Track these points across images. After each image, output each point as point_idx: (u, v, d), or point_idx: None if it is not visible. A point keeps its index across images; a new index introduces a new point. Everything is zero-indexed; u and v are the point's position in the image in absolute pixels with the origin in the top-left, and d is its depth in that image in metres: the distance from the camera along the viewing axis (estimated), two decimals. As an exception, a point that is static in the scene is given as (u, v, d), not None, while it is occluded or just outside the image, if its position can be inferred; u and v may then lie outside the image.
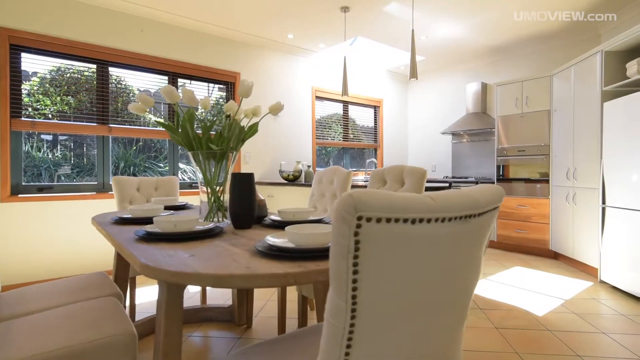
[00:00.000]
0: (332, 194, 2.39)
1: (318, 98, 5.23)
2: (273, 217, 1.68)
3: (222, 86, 4.41)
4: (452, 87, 5.77)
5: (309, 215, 1.64)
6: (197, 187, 4.21)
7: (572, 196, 3.72)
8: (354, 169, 5.78)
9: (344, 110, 5.62)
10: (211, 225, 1.44)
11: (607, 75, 3.26)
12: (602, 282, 3.23)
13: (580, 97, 3.59)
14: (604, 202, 3.19)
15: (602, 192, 3.20)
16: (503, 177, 4.54)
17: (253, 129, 1.74)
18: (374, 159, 5.73)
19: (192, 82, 4.19)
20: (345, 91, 3.71)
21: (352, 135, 5.71)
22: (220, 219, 1.64)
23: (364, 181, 5.07)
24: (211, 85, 4.34)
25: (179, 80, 4.07)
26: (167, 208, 2.24)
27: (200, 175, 1.64)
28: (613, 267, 3.05)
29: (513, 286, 3.16)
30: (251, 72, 4.52)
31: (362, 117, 5.91)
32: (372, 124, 6.02)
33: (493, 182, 4.64)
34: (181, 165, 4.60)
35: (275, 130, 4.76)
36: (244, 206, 1.54)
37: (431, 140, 6.05)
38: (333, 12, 3.80)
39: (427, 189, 2.88)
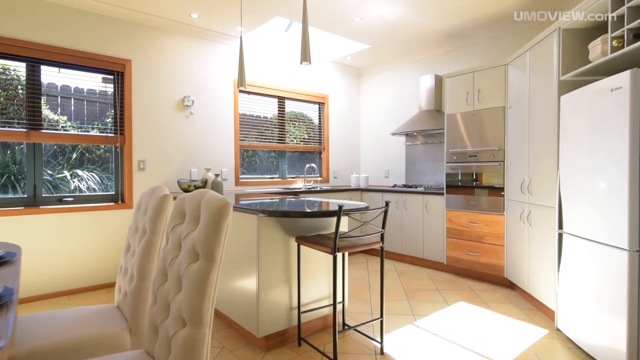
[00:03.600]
0: (143, 228, 1.60)
1: (242, 92, 4.43)
2: None
3: (108, 76, 3.58)
4: (408, 81, 5.01)
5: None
6: (68, 202, 3.39)
7: (527, 214, 2.97)
8: (292, 176, 4.99)
9: (279, 107, 4.82)
10: None
11: (566, 61, 2.51)
12: (558, 330, 2.49)
13: (536, 90, 2.85)
14: (560, 227, 2.44)
15: (558, 213, 2.45)
16: (453, 186, 3.78)
17: None
18: (313, 164, 4.94)
19: (63, 70, 3.35)
20: (241, 82, 2.91)
21: (306, 136, 4.92)
22: None
23: (305, 190, 4.29)
24: (92, 74, 3.50)
25: (43, 67, 3.24)
26: None
27: None
28: (571, 314, 2.30)
29: (443, 338, 2.40)
30: (148, 59, 3.69)
31: (304, 114, 5.12)
32: (315, 123, 5.24)
33: (443, 193, 3.89)
34: (80, 172, 3.78)
35: (186, 129, 3.95)
36: None
37: (385, 143, 5.28)
38: (229, -18, 3.01)
39: (319, 214, 2.10)
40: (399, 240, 4.37)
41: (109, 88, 3.60)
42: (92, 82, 3.54)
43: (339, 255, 2.56)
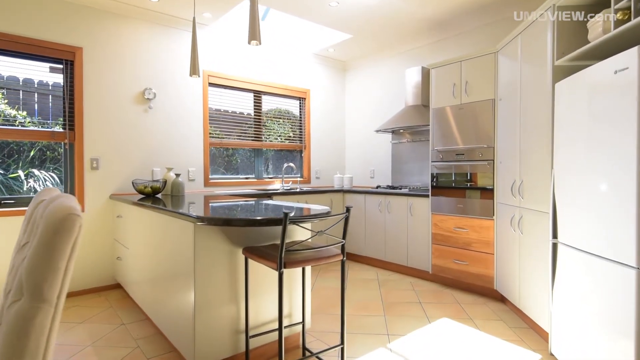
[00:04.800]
0: (19, 243, 1.26)
1: (213, 85, 4.09)
2: None
3: (56, 65, 3.24)
4: (395, 75, 4.67)
5: None
6: (8, 205, 3.04)
7: (517, 220, 2.63)
8: (270, 176, 4.64)
9: (255, 102, 4.48)
10: None
11: (561, 44, 2.17)
12: (552, 356, 2.14)
13: (528, 78, 2.51)
14: (555, 236, 2.10)
15: (552, 220, 2.11)
16: (439, 188, 3.44)
17: None
18: (292, 164, 4.60)
19: (1, 57, 3.01)
20: (194, 69, 2.57)
21: (291, 134, 4.57)
22: None
23: (282, 191, 3.95)
24: (38, 63, 3.16)
25: (-22, 54, 2.90)
26: None
27: None
28: (567, 338, 1.96)
29: (418, 365, 2.06)
30: (103, 47, 3.35)
31: (290, 111, 4.77)
32: (291, 119, 4.89)
33: (428, 195, 3.55)
34: (37, 172, 3.45)
35: (147, 125, 3.60)
36: None
37: (371, 141, 4.94)
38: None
39: (264, 222, 1.76)
40: (382, 246, 4.03)
41: (59, 79, 3.26)
42: (39, 72, 3.19)
43: (298, 268, 2.22)
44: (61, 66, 3.24)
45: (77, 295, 3.22)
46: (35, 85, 3.26)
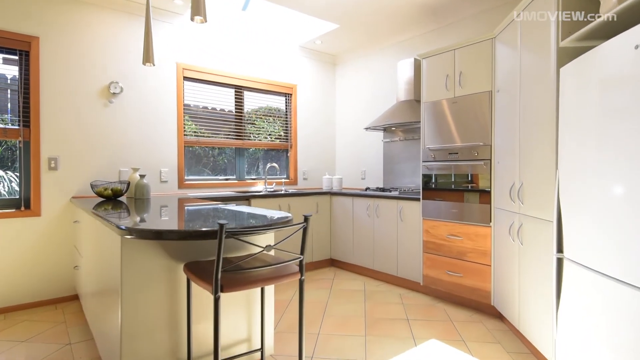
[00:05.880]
0: None
1: (188, 79, 3.79)
2: None
3: (10, 57, 2.96)
4: (387, 69, 4.34)
5: None
6: (-48, 209, 2.76)
7: (517, 228, 2.29)
8: (253, 177, 4.34)
9: (237, 97, 4.18)
10: None
11: (567, 22, 1.84)
12: (556, 392, 1.81)
13: (529, 65, 2.17)
14: (559, 250, 1.77)
15: (557, 231, 1.78)
16: (430, 190, 3.11)
17: None
18: (275, 164, 4.29)
19: (-55, 47, 2.74)
20: (148, 57, 2.27)
21: (282, 132, 4.26)
22: None
23: (264, 193, 3.63)
24: (-12, 54, 2.89)
25: None
26: None
27: None
28: (574, 374, 1.63)
29: (395, 401, 1.74)
30: (63, 37, 3.06)
31: (280, 109, 4.47)
32: (281, 117, 4.58)
33: (419, 198, 3.22)
34: (1, 172, 3.20)
35: (114, 122, 3.31)
36: None
37: (363, 140, 4.62)
38: None
39: (196, 234, 1.45)
40: (370, 254, 3.70)
41: (14, 71, 2.98)
42: (-9, 63, 2.92)
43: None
44: (16, 57, 2.96)
45: (32, 307, 2.94)
46: (8, 81, 3.01)
